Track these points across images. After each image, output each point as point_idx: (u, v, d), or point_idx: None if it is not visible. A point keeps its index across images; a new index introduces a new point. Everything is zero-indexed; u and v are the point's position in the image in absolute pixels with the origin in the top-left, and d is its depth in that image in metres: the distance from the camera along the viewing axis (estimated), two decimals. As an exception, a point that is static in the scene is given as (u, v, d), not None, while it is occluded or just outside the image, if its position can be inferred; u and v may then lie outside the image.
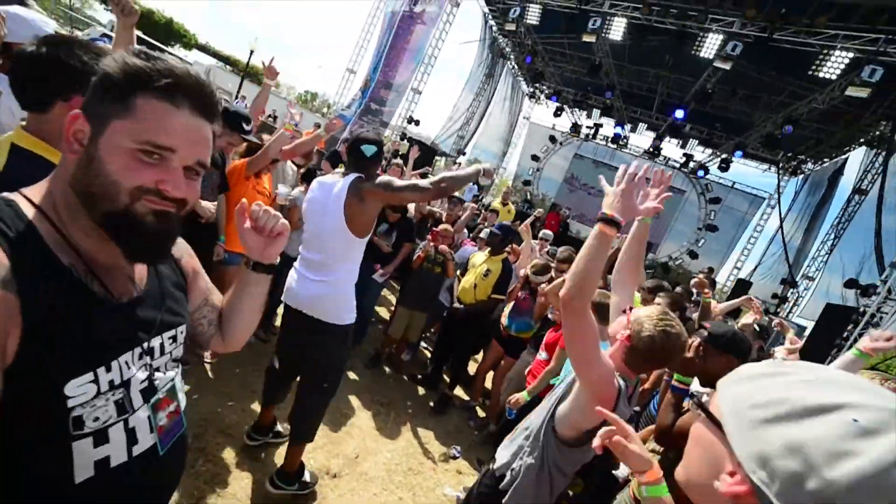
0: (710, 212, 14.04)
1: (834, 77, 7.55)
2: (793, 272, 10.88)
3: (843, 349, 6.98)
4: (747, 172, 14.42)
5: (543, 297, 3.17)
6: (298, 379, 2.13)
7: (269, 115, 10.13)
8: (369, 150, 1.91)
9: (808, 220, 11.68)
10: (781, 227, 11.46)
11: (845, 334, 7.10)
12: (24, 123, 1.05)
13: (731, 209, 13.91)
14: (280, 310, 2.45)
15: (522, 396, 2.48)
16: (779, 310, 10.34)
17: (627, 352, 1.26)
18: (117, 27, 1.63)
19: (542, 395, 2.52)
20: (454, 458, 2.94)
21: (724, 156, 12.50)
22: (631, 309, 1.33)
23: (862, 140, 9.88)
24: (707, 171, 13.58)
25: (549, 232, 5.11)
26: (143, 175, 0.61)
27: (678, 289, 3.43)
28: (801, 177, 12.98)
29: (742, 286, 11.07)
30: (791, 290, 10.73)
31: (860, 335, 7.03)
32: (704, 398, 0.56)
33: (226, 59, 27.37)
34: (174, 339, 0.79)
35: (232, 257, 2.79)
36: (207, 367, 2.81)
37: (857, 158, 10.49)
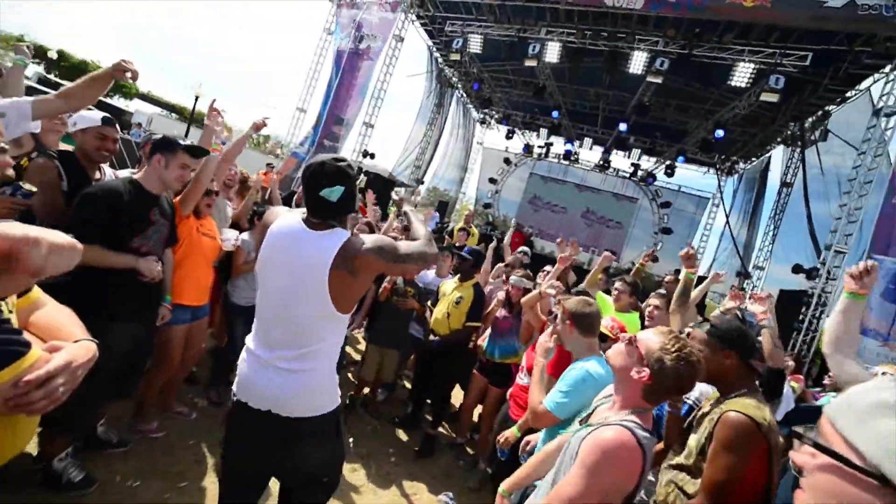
0: (662, 216, 14.81)
1: (748, 85, 8.45)
2: (745, 264, 11.56)
3: (801, 332, 7.39)
4: (691, 176, 15.48)
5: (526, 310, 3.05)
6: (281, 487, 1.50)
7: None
8: (333, 194, 1.33)
9: (749, 215, 12.57)
10: (728, 223, 12.25)
11: (801, 317, 7.50)
12: None
13: (681, 211, 14.75)
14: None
15: (513, 433, 2.15)
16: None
17: (647, 389, 1.16)
18: None
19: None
20: (446, 506, 2.69)
21: (668, 162, 13.35)
22: (634, 336, 1.21)
23: (779, 139, 10.99)
24: (655, 178, 14.45)
25: (525, 248, 5.14)
26: None
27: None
28: (736, 176, 14.08)
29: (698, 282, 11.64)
30: (746, 280, 11.35)
31: (814, 316, 7.47)
32: (815, 436, 0.48)
33: (171, 108, 26.60)
34: None
35: (178, 314, 2.50)
36: (153, 442, 2.45)
37: (778, 155, 11.58)
